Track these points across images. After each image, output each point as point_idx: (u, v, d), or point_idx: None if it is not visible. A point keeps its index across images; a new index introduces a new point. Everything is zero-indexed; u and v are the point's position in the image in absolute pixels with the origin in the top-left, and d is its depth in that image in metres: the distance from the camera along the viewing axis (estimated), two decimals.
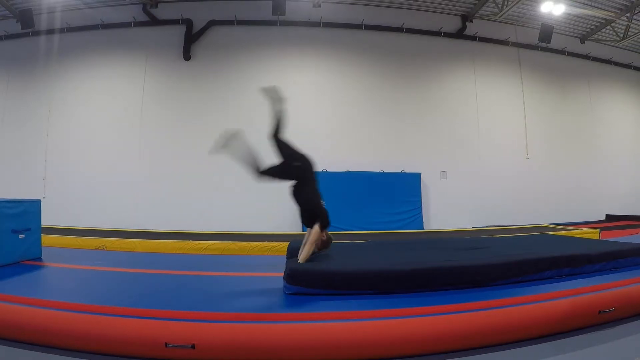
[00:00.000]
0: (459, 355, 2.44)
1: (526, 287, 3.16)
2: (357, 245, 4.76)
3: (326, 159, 9.81)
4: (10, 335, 2.53)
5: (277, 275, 3.47)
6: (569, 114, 11.78)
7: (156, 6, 10.03)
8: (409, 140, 10.46)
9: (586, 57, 11.98)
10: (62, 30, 9.94)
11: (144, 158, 9.63)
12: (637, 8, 9.96)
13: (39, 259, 4.35)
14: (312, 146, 10.32)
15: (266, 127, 10.25)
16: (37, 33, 9.87)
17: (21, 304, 2.70)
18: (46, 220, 5.07)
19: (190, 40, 9.93)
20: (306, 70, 10.32)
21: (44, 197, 7.60)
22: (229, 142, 3.57)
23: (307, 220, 3.63)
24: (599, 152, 11.95)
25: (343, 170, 9.77)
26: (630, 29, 10.97)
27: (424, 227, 9.80)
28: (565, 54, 11.76)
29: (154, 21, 9.99)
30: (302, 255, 3.39)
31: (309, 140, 9.81)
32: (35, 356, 2.38)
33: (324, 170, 9.72)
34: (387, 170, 9.99)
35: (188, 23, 9.92)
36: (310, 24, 10.24)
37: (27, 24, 9.29)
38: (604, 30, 11.34)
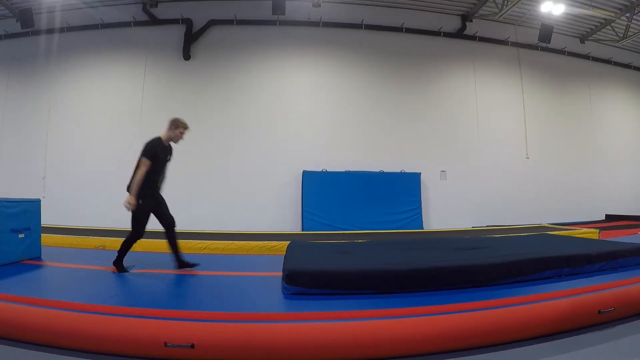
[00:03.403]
0: (459, 355, 2.44)
1: (526, 287, 3.17)
2: (357, 245, 4.75)
3: (325, 158, 9.84)
4: (10, 334, 2.53)
5: (276, 275, 3.48)
6: (568, 114, 11.78)
7: (156, 6, 10.03)
8: (408, 139, 10.46)
9: (586, 57, 11.98)
10: (62, 30, 9.93)
11: None
12: (636, 8, 9.95)
13: (39, 258, 4.35)
14: (312, 146, 10.45)
15: (263, 125, 10.23)
16: (37, 32, 9.86)
17: (21, 303, 2.70)
18: (46, 220, 5.07)
19: (190, 40, 9.93)
20: (306, 70, 10.32)
21: (43, 197, 7.58)
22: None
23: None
24: (598, 152, 11.96)
25: (342, 169, 9.78)
26: (630, 29, 10.97)
27: (424, 227, 9.80)
28: (565, 54, 11.76)
29: (153, 21, 9.98)
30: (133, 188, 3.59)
31: (308, 139, 9.92)
32: (34, 355, 2.37)
33: (324, 170, 9.73)
34: (386, 170, 10.00)
35: (188, 22, 9.92)
36: (310, 23, 10.23)
37: (27, 24, 9.27)
38: (603, 30, 11.34)
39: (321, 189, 9.56)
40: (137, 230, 3.80)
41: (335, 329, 2.40)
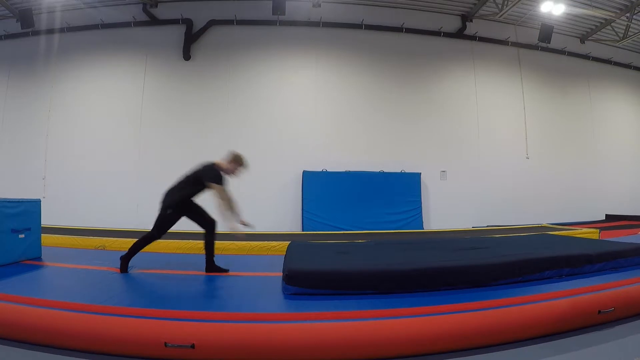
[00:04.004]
0: (459, 355, 2.44)
1: (526, 287, 3.17)
2: (357, 245, 4.75)
3: (326, 158, 9.84)
4: (10, 335, 2.53)
5: (276, 275, 3.48)
6: (568, 114, 11.79)
7: (156, 6, 10.04)
8: (408, 140, 10.46)
9: (586, 57, 11.98)
10: (62, 30, 9.94)
11: (144, 157, 9.64)
12: (637, 8, 9.95)
13: (39, 258, 4.35)
14: (312, 146, 10.45)
15: (264, 126, 10.20)
16: (37, 33, 9.87)
17: (21, 303, 2.70)
18: (46, 220, 5.07)
19: (190, 40, 9.93)
20: (306, 70, 10.32)
21: (43, 197, 7.59)
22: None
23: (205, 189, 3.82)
24: (598, 152, 11.96)
25: (343, 170, 9.78)
26: (630, 29, 10.97)
27: (424, 227, 9.80)
28: (565, 54, 11.76)
29: (154, 21, 9.99)
30: (222, 213, 3.57)
31: (308, 139, 9.93)
32: (35, 356, 2.37)
33: (324, 170, 9.74)
34: (387, 170, 10.00)
35: (188, 23, 9.92)
36: (310, 23, 10.24)
37: (27, 24, 9.28)
38: (603, 30, 11.34)
39: (321, 189, 9.56)
40: (156, 232, 3.81)
41: (335, 329, 2.40)
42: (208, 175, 3.71)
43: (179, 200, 3.79)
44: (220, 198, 3.61)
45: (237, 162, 3.81)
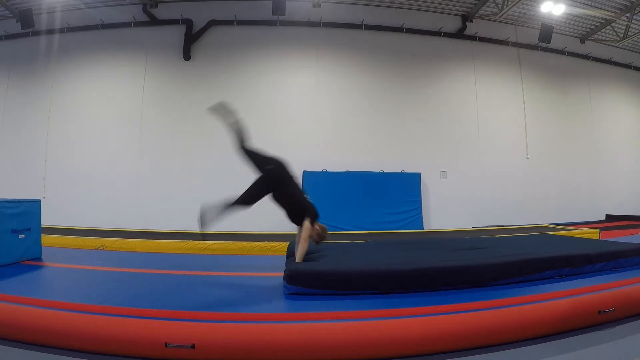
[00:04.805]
0: (459, 355, 2.43)
1: (526, 287, 3.16)
2: (357, 245, 4.75)
3: (326, 159, 9.84)
4: (10, 335, 2.52)
5: (277, 275, 3.48)
6: (569, 114, 11.79)
7: (156, 6, 10.04)
8: (409, 140, 10.46)
9: (586, 57, 11.98)
10: (62, 30, 9.95)
11: (144, 158, 9.64)
12: (637, 8, 9.96)
13: (39, 259, 4.34)
14: (312, 146, 10.45)
15: (264, 126, 10.30)
16: (37, 33, 9.88)
17: (21, 304, 2.69)
18: (46, 220, 5.07)
19: (190, 40, 9.94)
20: (306, 70, 10.32)
21: (44, 197, 7.60)
22: (225, 111, 3.92)
23: (295, 218, 3.78)
24: (598, 152, 11.96)
25: (343, 170, 9.78)
26: (630, 29, 10.97)
27: (424, 227, 9.80)
28: (565, 54, 11.76)
29: (154, 21, 10.00)
30: (298, 254, 3.46)
31: (308, 140, 9.93)
32: (35, 356, 2.37)
33: (324, 170, 9.73)
34: (387, 170, 10.00)
35: (188, 23, 9.93)
36: (310, 24, 10.24)
37: (27, 24, 9.29)
38: (604, 30, 11.35)
39: (321, 190, 9.53)
40: (258, 157, 3.83)
41: (335, 329, 2.40)
42: (312, 215, 3.74)
43: (281, 183, 3.82)
44: (305, 239, 3.60)
45: (320, 233, 3.80)
